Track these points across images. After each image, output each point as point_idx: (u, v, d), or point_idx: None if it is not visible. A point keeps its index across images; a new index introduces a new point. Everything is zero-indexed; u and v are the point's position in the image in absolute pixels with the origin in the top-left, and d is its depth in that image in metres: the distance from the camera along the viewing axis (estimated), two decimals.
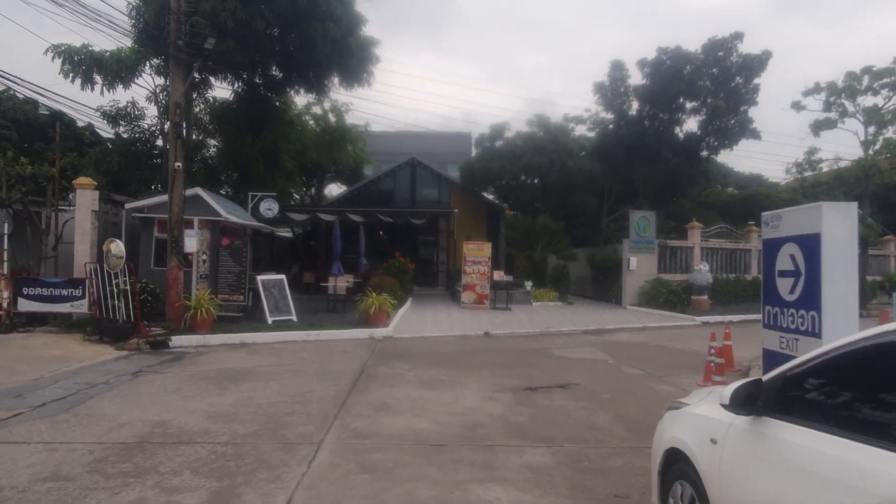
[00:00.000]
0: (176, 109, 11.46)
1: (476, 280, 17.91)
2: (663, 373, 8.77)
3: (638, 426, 5.76)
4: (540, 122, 22.47)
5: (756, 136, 20.91)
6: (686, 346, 11.58)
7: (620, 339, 12.81)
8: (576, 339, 12.51)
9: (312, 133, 25.56)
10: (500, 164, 21.76)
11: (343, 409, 6.35)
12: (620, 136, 22.47)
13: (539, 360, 9.69)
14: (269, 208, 16.30)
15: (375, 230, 27.08)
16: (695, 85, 20.87)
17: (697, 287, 18.01)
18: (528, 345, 11.65)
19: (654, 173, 21.64)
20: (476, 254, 18.01)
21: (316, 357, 9.80)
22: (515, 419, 6.02)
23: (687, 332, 14.41)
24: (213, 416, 5.97)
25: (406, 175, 26.25)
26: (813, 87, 24.15)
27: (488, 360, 9.72)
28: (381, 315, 13.13)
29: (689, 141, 21.78)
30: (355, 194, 25.95)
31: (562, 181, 21.36)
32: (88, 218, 12.10)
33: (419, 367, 8.87)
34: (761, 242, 6.33)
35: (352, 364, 9.05)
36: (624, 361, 9.72)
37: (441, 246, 26.06)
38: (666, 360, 9.92)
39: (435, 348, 11.05)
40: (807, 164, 27.98)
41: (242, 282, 12.78)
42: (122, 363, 9.07)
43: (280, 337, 11.58)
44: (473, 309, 17.45)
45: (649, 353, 10.72)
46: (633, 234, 18.85)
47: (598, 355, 10.42)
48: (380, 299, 13.20)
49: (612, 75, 22.92)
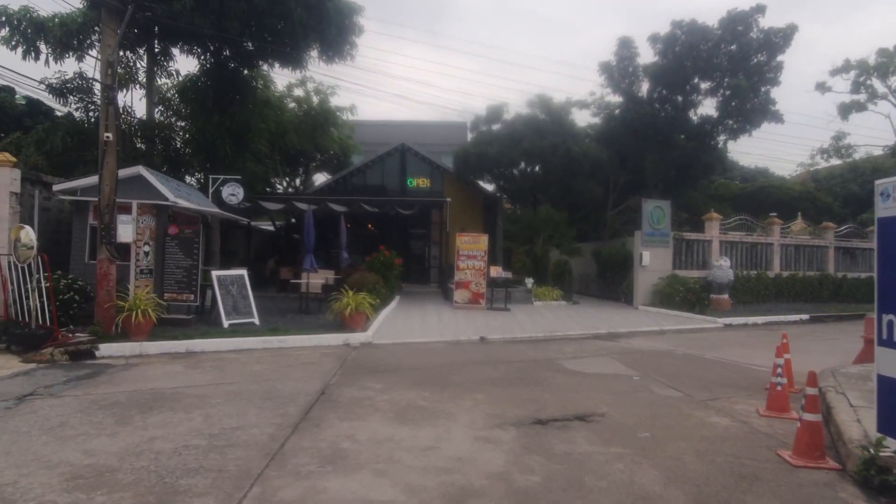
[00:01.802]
0: (108, 70, 9.46)
1: (471, 277, 15.98)
2: (707, 394, 6.89)
3: (706, 493, 3.88)
4: (542, 103, 20.46)
5: (778, 119, 19.03)
6: (719, 356, 9.72)
7: (639, 345, 10.93)
8: (587, 346, 10.63)
9: (292, 116, 23.53)
10: (497, 148, 19.79)
11: (275, 460, 4.43)
12: (629, 119, 20.55)
13: (547, 376, 7.80)
14: (232, 194, 14.30)
15: (361, 222, 25.13)
16: (712, 63, 18.98)
17: (717, 285, 16.17)
18: (531, 353, 9.76)
19: (666, 160, 19.76)
20: (471, 247, 16.08)
21: (269, 371, 7.88)
22: (524, 481, 4.11)
23: (711, 336, 12.57)
24: (75, 478, 4.03)
25: (395, 163, 24.26)
26: (841, 66, 22.21)
27: (484, 375, 7.82)
28: (359, 317, 11.23)
29: (705, 124, 19.88)
30: (340, 183, 23.92)
31: (565, 168, 19.42)
32: (6, 202, 10.09)
33: (396, 387, 6.96)
34: (876, 223, 4.36)
35: (311, 383, 7.13)
36: (652, 377, 7.84)
37: (433, 240, 24.11)
38: (702, 376, 8.04)
39: (419, 359, 9.14)
40: (833, 150, 25.92)
41: (194, 278, 10.83)
42: (18, 381, 7.10)
43: (235, 344, 9.65)
44: (467, 309, 15.54)
45: (679, 366, 8.83)
46: (647, 225, 16.96)
47: (619, 368, 8.54)
48: (357, 299, 11.30)
49: (619, 54, 20.97)
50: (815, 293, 18.93)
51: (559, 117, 20.35)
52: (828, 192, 31.25)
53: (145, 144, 16.52)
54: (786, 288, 18.41)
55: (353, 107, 25.10)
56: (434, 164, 24.35)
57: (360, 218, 24.13)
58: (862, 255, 20.83)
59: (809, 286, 18.85)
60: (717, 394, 6.94)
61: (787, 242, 19.32)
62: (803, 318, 15.77)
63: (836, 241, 20.34)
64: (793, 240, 19.58)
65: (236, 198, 14.32)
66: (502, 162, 19.96)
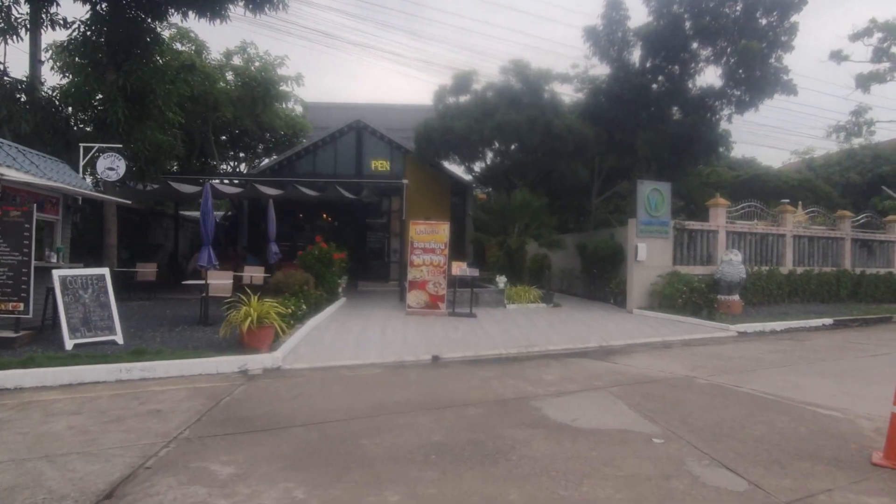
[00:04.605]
0: None
1: (428, 275, 12.97)
2: (785, 479, 4.01)
3: None
4: (517, 70, 17.41)
5: (791, 90, 16.35)
6: (757, 387, 6.87)
7: (643, 367, 8.08)
8: (575, 371, 7.74)
9: (227, 88, 20.15)
10: (464, 122, 16.75)
11: None
12: (617, 92, 17.69)
13: (519, 438, 4.85)
14: (110, 167, 11.03)
15: (314, 211, 21.99)
16: (716, 23, 16.20)
17: (727, 283, 13.45)
18: (497, 386, 6.82)
19: (661, 138, 16.95)
20: (428, 238, 13.04)
21: (74, 432, 4.80)
22: None
23: (728, 350, 9.79)
24: None
25: (350, 143, 21.06)
26: (863, 30, 19.58)
27: (418, 437, 4.85)
28: (264, 333, 8.18)
29: (706, 97, 17.12)
30: (285, 166, 20.64)
31: (545, 146, 16.51)
32: None
33: (258, 471, 3.95)
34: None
35: (120, 460, 4.09)
36: (681, 436, 4.95)
37: (394, 231, 21.03)
38: (755, 433, 5.16)
39: (333, 399, 6.14)
40: (854, 125, 23.14)
41: (24, 280, 7.65)
42: None
43: (73, 376, 6.59)
44: (423, 315, 12.56)
45: (712, 410, 5.94)
46: (642, 212, 14.13)
47: (627, 417, 5.63)
48: (263, 307, 8.26)
49: (607, 16, 18.06)
50: (833, 292, 16.37)
51: (537, 86, 17.34)
52: (826, 180, 28.99)
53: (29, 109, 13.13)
54: (800, 286, 15.80)
55: (300, 76, 21.75)
56: (395, 145, 21.23)
57: (312, 207, 21.00)
58: (880, 247, 18.36)
59: (826, 284, 16.28)
60: (800, 476, 4.07)
61: (800, 233, 16.70)
62: (826, 324, 13.19)
63: (852, 232, 17.80)
64: (807, 230, 16.97)
65: (116, 172, 11.06)
66: (471, 139, 16.93)
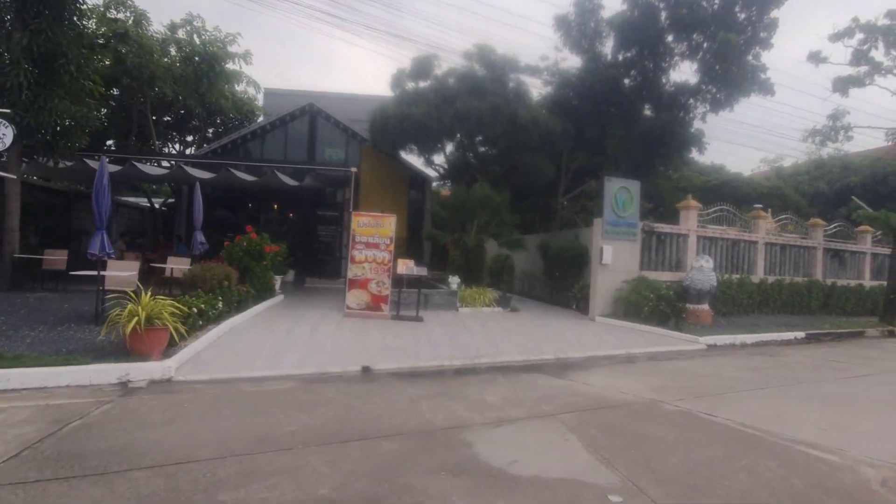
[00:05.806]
0: None
1: (371, 273, 11.61)
2: None
3: None
4: (481, 55, 16.19)
5: (768, 89, 15.58)
6: (733, 416, 5.74)
7: (603, 388, 6.90)
8: (523, 391, 6.51)
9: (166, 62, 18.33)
10: (423, 109, 15.44)
11: None
12: (588, 84, 16.67)
13: (429, 493, 3.54)
14: None
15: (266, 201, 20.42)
16: (692, 15, 15.28)
17: (696, 291, 12.47)
18: (427, 410, 5.54)
19: (632, 135, 15.99)
20: (371, 231, 11.68)
21: None
22: None
23: (697, 367, 8.74)
24: None
25: (303, 129, 19.55)
26: (844, 30, 18.87)
27: (299, 490, 3.48)
28: (155, 337, 6.73)
29: (681, 93, 16.23)
30: (229, 150, 19.02)
31: (509, 138, 15.35)
32: None
33: None
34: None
35: None
36: (648, 496, 3.74)
37: (345, 224, 19.61)
38: (745, 487, 3.98)
39: (211, 428, 4.71)
40: (830, 130, 22.48)
41: None
42: None
43: None
44: (364, 317, 11.21)
45: (686, 449, 4.77)
46: (609, 211, 13.07)
47: (578, 462, 4.39)
48: (155, 306, 6.82)
49: (580, 4, 17.04)
50: (804, 303, 15.63)
51: (502, 73, 16.16)
52: (795, 189, 28.74)
53: None
54: (771, 296, 14.98)
55: (248, 53, 20.04)
56: (351, 133, 19.79)
57: (263, 197, 19.45)
58: (851, 258, 17.76)
59: (797, 295, 15.52)
60: None
61: (773, 241, 15.90)
62: (798, 337, 12.37)
63: (824, 241, 17.12)
64: (779, 238, 16.19)
65: (1, 142, 9.42)
66: (430, 127, 15.62)
